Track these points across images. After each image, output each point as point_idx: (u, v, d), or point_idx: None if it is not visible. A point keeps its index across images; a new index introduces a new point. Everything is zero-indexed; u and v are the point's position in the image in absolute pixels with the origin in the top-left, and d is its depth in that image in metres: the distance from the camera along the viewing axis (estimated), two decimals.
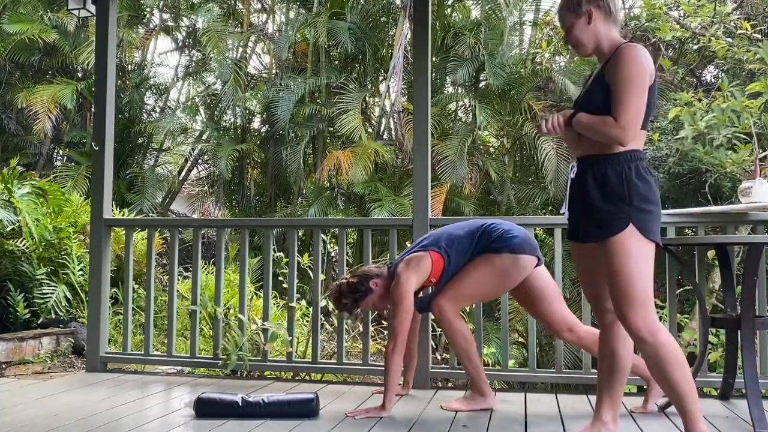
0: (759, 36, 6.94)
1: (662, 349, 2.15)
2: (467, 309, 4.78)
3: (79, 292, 4.95)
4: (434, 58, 9.74)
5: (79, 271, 4.95)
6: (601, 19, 2.31)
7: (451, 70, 9.90)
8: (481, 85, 10.63)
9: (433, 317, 3.44)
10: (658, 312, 4.71)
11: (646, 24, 7.85)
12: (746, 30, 5.85)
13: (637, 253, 2.18)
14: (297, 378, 4.07)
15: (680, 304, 6.11)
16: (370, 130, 10.73)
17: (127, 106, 10.08)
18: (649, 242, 2.21)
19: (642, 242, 2.19)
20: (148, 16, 11.14)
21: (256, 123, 11.88)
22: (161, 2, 11.04)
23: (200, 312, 4.27)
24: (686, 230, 4.97)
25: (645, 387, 3.14)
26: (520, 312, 8.23)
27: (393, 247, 3.74)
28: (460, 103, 11.18)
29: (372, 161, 9.44)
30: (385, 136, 10.92)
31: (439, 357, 4.85)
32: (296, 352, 4.09)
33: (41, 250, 4.94)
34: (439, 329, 4.78)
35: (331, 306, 4.64)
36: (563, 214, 2.46)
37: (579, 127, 2.28)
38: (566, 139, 2.42)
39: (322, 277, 3.94)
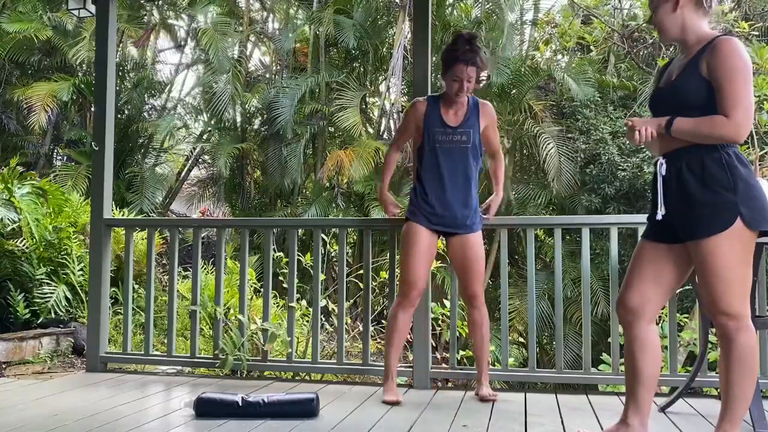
0: (757, 34, 6.95)
1: (736, 349, 2.11)
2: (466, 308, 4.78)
3: (79, 292, 4.94)
4: (434, 58, 9.72)
5: (79, 271, 4.95)
6: (691, 8, 2.19)
7: None
8: (481, 84, 10.63)
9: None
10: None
11: (645, 24, 7.85)
12: (744, 29, 5.86)
13: (737, 251, 2.07)
14: (297, 378, 4.07)
15: (680, 302, 6.12)
16: (370, 130, 10.72)
17: (126, 105, 10.08)
18: (753, 234, 2.08)
19: (744, 237, 2.07)
20: (147, 15, 11.14)
21: (256, 122, 11.89)
22: (160, 1, 11.04)
23: (200, 312, 4.27)
24: None
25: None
26: (520, 312, 8.26)
27: (393, 247, 3.74)
28: None
29: (373, 160, 9.44)
30: (385, 136, 10.91)
31: (439, 357, 4.84)
32: (296, 352, 4.09)
33: (41, 250, 4.94)
34: (439, 328, 4.80)
35: (331, 306, 4.65)
36: (659, 218, 2.21)
37: (681, 133, 2.12)
38: (650, 144, 2.27)
39: (322, 277, 3.94)
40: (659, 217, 2.20)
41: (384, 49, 10.68)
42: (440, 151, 3.19)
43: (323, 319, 4.56)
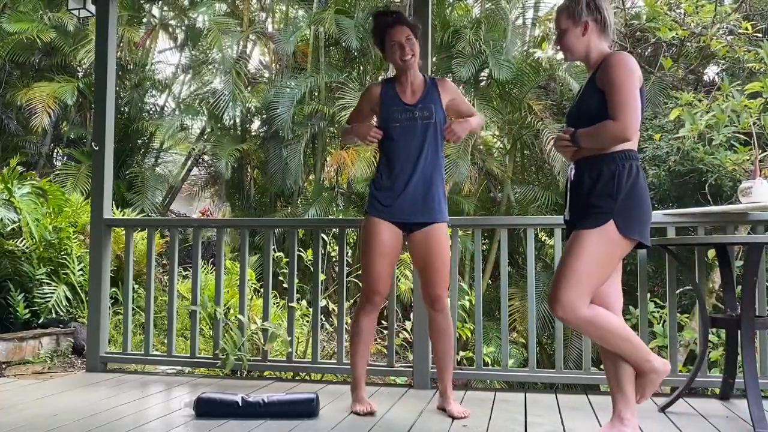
0: (759, 35, 6.95)
1: (588, 326, 2.28)
2: (467, 307, 4.78)
3: (79, 292, 4.95)
4: (434, 58, 9.72)
5: (79, 271, 4.95)
6: (596, 32, 2.41)
7: (453, 69, 9.87)
8: (481, 84, 10.62)
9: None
10: (658, 311, 4.73)
11: (647, 24, 7.85)
12: (746, 30, 5.85)
13: (601, 249, 2.26)
14: (297, 378, 4.07)
15: (681, 300, 6.11)
16: None
17: (127, 105, 10.08)
18: (624, 240, 2.28)
19: (614, 241, 2.26)
20: (147, 16, 11.14)
21: (256, 123, 11.89)
22: (160, 1, 11.04)
23: (200, 312, 4.27)
24: (686, 230, 4.97)
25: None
26: (520, 312, 8.25)
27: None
28: None
29: (375, 159, 9.41)
30: None
31: None
32: (296, 352, 4.09)
33: (41, 250, 4.94)
34: None
35: (331, 306, 4.65)
36: (566, 218, 2.47)
37: (584, 141, 2.35)
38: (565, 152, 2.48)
39: (322, 277, 3.94)
40: (567, 217, 2.43)
41: None
42: (399, 131, 2.94)
43: (323, 319, 4.56)
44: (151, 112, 11.12)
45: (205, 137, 11.41)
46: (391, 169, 2.96)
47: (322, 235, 4.33)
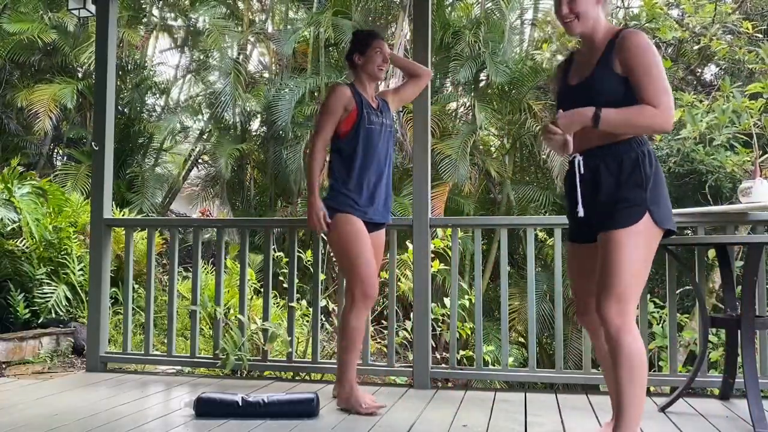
0: (760, 35, 6.95)
1: (620, 350, 2.08)
2: (466, 306, 4.78)
3: (79, 292, 4.94)
4: (434, 58, 9.72)
5: (79, 271, 4.95)
6: (603, 3, 2.23)
7: (452, 70, 9.88)
8: (481, 84, 10.63)
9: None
10: (658, 312, 4.71)
11: (646, 24, 7.85)
12: (747, 30, 5.86)
13: (643, 248, 2.10)
14: (297, 378, 4.07)
15: (681, 300, 6.11)
16: None
17: (127, 105, 10.08)
18: (659, 232, 2.13)
19: (652, 234, 2.11)
20: (148, 16, 11.14)
21: (256, 123, 11.88)
22: (161, 1, 11.05)
23: (200, 312, 4.27)
24: (686, 230, 4.97)
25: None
26: (520, 312, 8.25)
27: (393, 248, 3.74)
28: (461, 102, 11.17)
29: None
30: None
31: (439, 357, 4.84)
32: (296, 352, 4.09)
33: (41, 250, 4.94)
34: (440, 329, 4.80)
35: (331, 306, 4.65)
36: (581, 215, 2.22)
37: (611, 125, 2.09)
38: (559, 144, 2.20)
39: (322, 277, 3.94)
40: (581, 214, 2.21)
41: None
42: (372, 134, 3.00)
43: (323, 319, 4.56)
44: (151, 111, 11.12)
45: (205, 137, 11.41)
46: (364, 170, 3.00)
47: (322, 234, 4.33)
